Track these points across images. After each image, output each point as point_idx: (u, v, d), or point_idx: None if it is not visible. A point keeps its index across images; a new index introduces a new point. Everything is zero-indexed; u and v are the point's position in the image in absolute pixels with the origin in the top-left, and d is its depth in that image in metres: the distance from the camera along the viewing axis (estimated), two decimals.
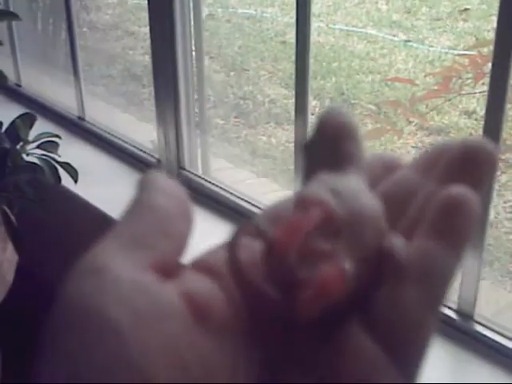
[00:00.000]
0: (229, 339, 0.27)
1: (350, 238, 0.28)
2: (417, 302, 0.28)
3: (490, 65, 1.23)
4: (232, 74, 3.56)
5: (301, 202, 0.29)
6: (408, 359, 0.28)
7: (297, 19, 1.52)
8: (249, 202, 1.77)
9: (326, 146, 0.31)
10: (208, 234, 1.79)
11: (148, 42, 1.89)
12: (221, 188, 1.83)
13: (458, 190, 0.29)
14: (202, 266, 0.29)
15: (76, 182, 1.61)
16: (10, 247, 1.59)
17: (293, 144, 1.72)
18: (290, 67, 3.46)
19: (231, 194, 1.81)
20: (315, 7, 1.39)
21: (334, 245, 0.27)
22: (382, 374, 0.28)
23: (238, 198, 1.79)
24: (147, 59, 3.41)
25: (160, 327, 0.26)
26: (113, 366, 0.25)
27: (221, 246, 0.30)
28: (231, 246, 0.29)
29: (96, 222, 1.88)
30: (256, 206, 1.75)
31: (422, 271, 0.28)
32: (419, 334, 0.28)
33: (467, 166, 0.30)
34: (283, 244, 0.27)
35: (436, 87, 2.80)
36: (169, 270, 0.28)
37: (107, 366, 0.25)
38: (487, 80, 1.26)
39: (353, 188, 0.29)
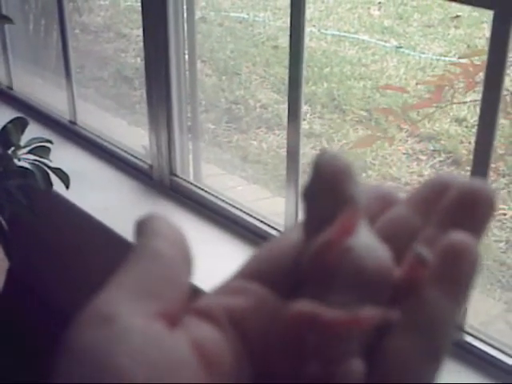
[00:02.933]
0: None
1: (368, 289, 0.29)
2: (419, 353, 0.28)
3: (481, 74, 1.23)
4: (224, 78, 3.55)
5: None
6: None
7: (291, 24, 1.52)
8: (240, 210, 1.77)
9: (325, 191, 0.31)
10: (199, 242, 1.79)
11: (140, 44, 1.88)
12: (212, 195, 1.83)
13: (459, 237, 0.29)
14: (203, 312, 0.30)
15: (67, 187, 1.60)
16: (0, 252, 1.58)
17: (284, 149, 1.72)
18: (281, 72, 3.46)
19: (223, 201, 1.81)
20: (307, 12, 1.40)
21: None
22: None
23: (230, 205, 1.79)
24: (139, 62, 3.41)
25: (174, 377, 0.27)
26: None
27: (218, 291, 0.31)
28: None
29: (87, 228, 1.88)
30: (248, 214, 1.75)
31: (425, 321, 0.28)
32: (421, 380, 0.28)
33: (468, 211, 0.30)
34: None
35: (428, 96, 2.81)
36: (174, 317, 0.29)
37: None
38: (478, 89, 1.27)
39: (368, 243, 0.30)
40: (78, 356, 0.27)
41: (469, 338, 1.36)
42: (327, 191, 0.31)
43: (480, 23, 3.66)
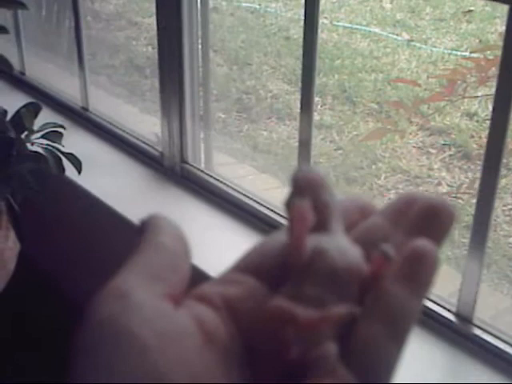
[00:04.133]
0: (227, 358, 0.33)
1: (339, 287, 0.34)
2: (384, 338, 0.33)
3: (494, 69, 1.23)
4: (235, 68, 3.55)
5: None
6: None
7: (305, 15, 1.52)
8: (251, 198, 1.77)
9: (304, 198, 0.36)
10: (210, 228, 1.80)
11: (151, 32, 1.89)
12: (223, 183, 1.84)
13: (422, 243, 0.34)
14: (201, 297, 0.35)
15: (79, 172, 1.61)
16: (12, 236, 1.59)
17: (294, 140, 1.72)
18: (292, 63, 3.46)
19: (233, 189, 1.81)
20: (320, 3, 1.41)
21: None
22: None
23: (241, 193, 1.79)
24: (150, 50, 3.41)
25: (179, 346, 0.32)
26: (142, 378, 0.30)
27: (215, 282, 0.37)
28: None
29: (98, 213, 1.89)
30: (258, 202, 1.75)
31: (389, 311, 0.33)
32: (386, 365, 0.33)
33: (431, 222, 0.36)
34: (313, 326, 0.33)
35: (439, 89, 2.81)
36: (177, 299, 0.34)
37: (137, 378, 0.30)
38: (490, 83, 1.27)
39: (340, 246, 0.35)
40: (96, 325, 0.32)
41: (478, 332, 1.37)
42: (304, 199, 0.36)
43: (492, 18, 3.64)
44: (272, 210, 1.73)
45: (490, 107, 1.31)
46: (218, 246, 1.62)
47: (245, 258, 0.38)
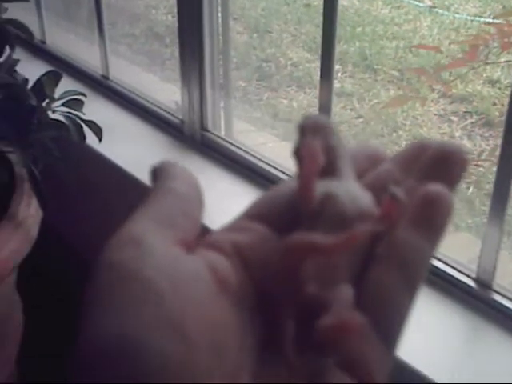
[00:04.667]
0: (239, 305, 0.32)
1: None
2: (397, 284, 0.33)
3: None
4: (255, 35, 3.54)
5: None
6: (389, 332, 0.33)
7: None
8: (271, 166, 1.77)
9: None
10: (230, 195, 1.81)
11: (171, 1, 1.88)
12: (244, 151, 1.84)
13: (435, 187, 0.34)
14: (212, 244, 0.35)
15: (100, 140, 1.62)
16: (34, 203, 1.60)
17: (314, 108, 1.71)
18: (313, 31, 3.44)
19: (254, 156, 1.81)
20: None
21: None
22: (370, 344, 0.32)
23: (261, 160, 1.79)
24: (170, 19, 3.39)
25: (192, 290, 0.31)
26: (156, 322, 0.29)
27: (224, 229, 0.36)
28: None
29: (118, 181, 1.90)
30: (278, 170, 1.76)
31: (403, 258, 0.33)
32: (399, 311, 0.33)
33: (443, 166, 0.35)
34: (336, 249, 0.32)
35: (462, 55, 2.78)
36: (189, 245, 0.34)
37: (150, 322, 0.29)
38: None
39: (350, 191, 0.35)
40: (107, 269, 0.32)
41: (497, 297, 1.37)
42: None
43: None
44: (292, 177, 1.72)
45: None
46: (238, 212, 1.63)
47: (254, 206, 0.37)
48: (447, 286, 1.39)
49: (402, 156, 0.38)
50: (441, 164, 0.35)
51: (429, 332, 1.29)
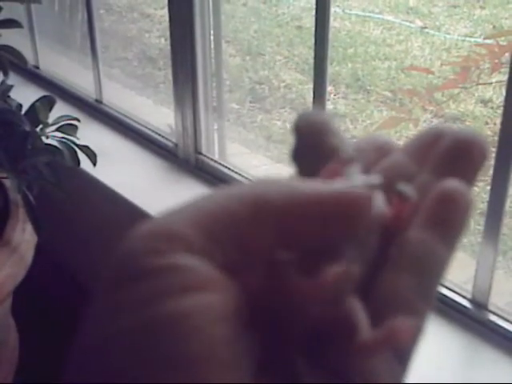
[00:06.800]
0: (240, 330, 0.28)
1: None
2: (411, 289, 0.29)
3: (507, 55, 1.23)
4: (248, 58, 3.55)
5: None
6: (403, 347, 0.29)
7: (316, 3, 1.52)
8: None
9: (309, 148, 0.33)
10: None
11: (164, 24, 1.89)
12: (237, 173, 1.84)
13: (453, 184, 0.30)
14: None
15: (95, 165, 1.62)
16: (29, 228, 1.60)
17: None
18: (305, 52, 3.46)
19: (248, 179, 1.81)
20: None
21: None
22: (381, 358, 0.29)
23: None
24: (163, 42, 3.41)
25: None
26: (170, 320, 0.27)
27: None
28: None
29: (113, 205, 1.90)
30: None
31: (417, 260, 0.30)
32: (413, 318, 0.29)
33: (461, 159, 0.32)
34: None
35: (453, 77, 2.79)
36: None
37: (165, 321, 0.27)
38: (504, 70, 1.26)
39: None
40: (126, 260, 0.30)
41: (493, 318, 1.37)
42: (310, 148, 0.33)
43: (506, 3, 3.63)
44: None
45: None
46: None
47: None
48: (443, 306, 1.39)
49: (415, 145, 0.34)
50: (458, 156, 0.32)
51: (424, 353, 1.28)
